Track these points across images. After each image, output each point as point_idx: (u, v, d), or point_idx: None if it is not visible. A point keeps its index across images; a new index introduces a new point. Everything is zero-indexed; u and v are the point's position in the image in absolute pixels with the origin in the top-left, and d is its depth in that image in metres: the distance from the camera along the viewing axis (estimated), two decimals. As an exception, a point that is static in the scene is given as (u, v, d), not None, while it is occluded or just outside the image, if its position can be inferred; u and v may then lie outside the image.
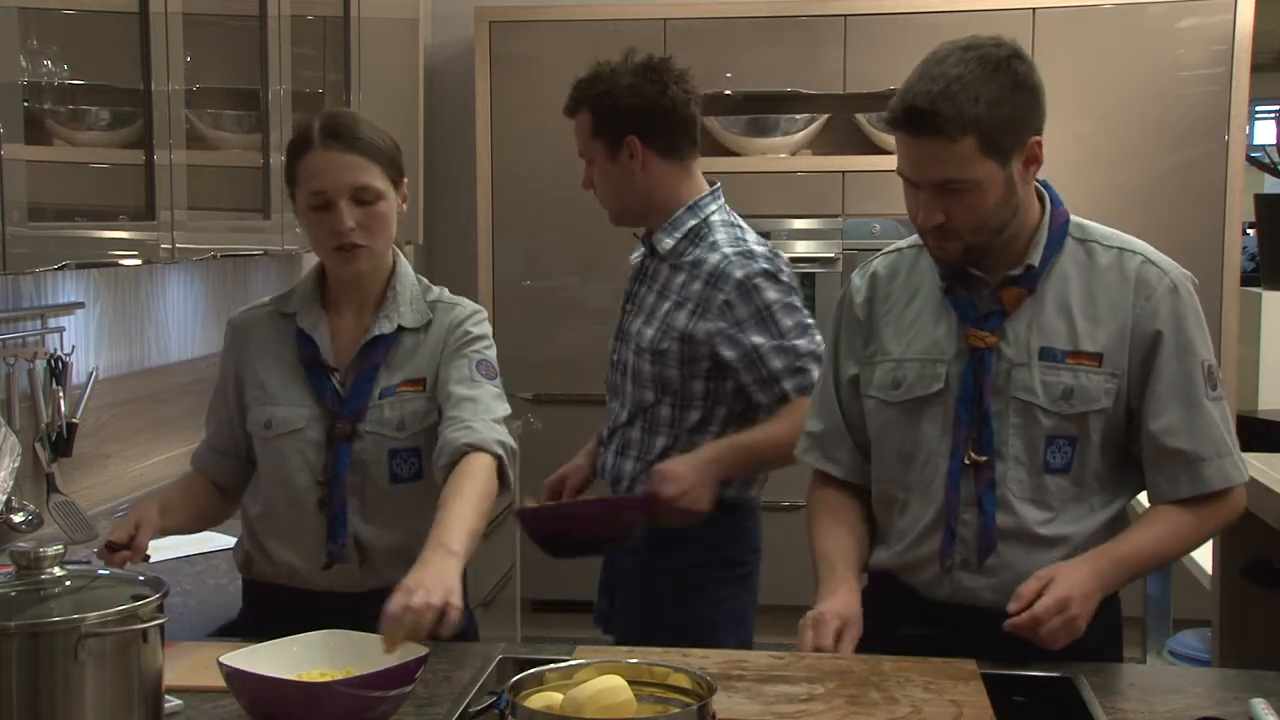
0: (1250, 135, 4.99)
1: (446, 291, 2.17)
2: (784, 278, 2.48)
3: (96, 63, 2.53)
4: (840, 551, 2.04)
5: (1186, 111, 4.55)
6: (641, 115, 2.53)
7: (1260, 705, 1.68)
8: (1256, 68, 4.57)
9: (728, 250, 2.48)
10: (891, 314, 2.04)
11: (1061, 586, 1.81)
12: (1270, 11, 4.64)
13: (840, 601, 1.94)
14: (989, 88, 1.83)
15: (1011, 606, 1.82)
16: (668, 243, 2.55)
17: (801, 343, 2.44)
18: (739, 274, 2.44)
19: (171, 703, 1.68)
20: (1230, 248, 4.55)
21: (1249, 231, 5.56)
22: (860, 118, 4.78)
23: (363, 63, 3.60)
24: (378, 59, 3.76)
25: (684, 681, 1.59)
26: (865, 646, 2.00)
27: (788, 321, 2.44)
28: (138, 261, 2.80)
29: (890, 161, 5.30)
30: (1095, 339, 1.92)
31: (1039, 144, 1.89)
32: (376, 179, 2.01)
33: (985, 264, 1.94)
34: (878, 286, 2.07)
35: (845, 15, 4.68)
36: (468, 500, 1.90)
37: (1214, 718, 1.68)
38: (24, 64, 2.22)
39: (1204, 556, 2.63)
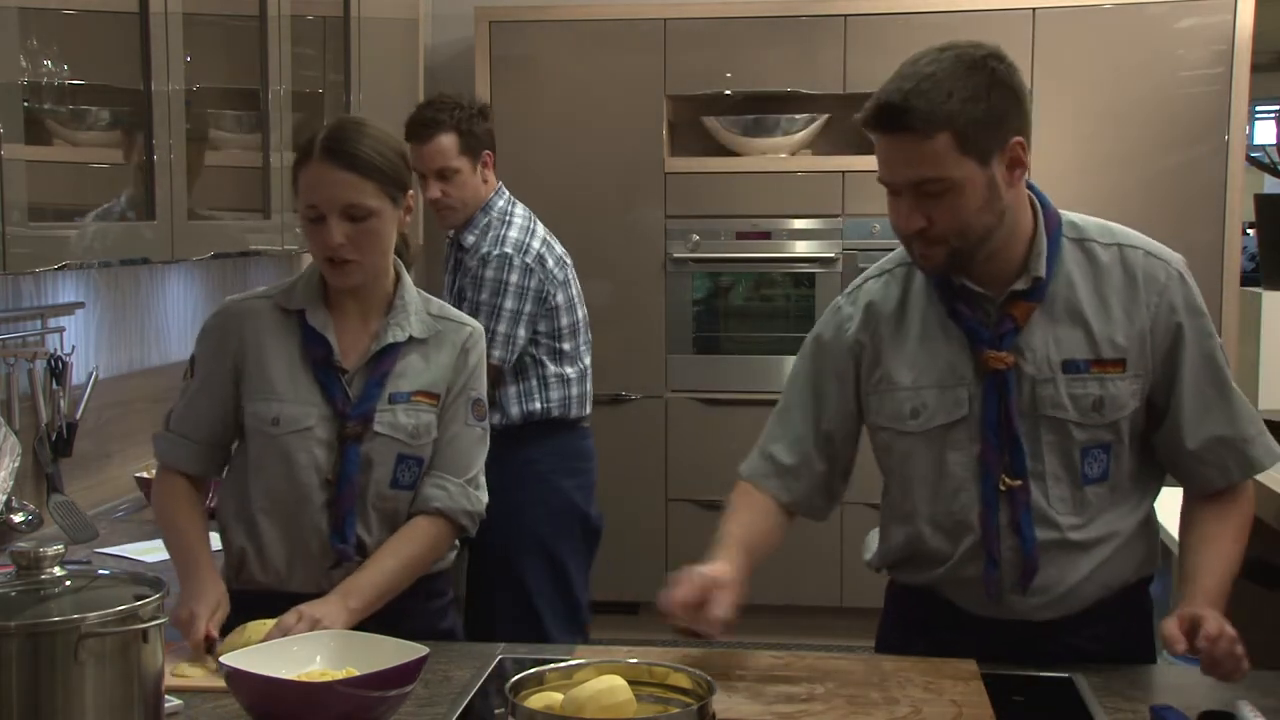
0: (1250, 135, 4.98)
1: (446, 305, 2.19)
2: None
3: (96, 63, 2.53)
4: (735, 534, 1.94)
5: (1186, 111, 4.54)
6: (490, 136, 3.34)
7: (1245, 706, 1.68)
8: (1256, 68, 4.57)
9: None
10: (894, 341, 1.94)
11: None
12: (1270, 11, 4.64)
13: (714, 569, 1.84)
14: (963, 84, 1.76)
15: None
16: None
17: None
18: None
19: (171, 703, 1.68)
20: (1230, 248, 4.54)
21: (1249, 231, 5.56)
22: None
23: (363, 63, 3.60)
24: (378, 59, 3.76)
25: (684, 681, 1.59)
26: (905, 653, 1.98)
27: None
28: (138, 262, 2.80)
29: (890, 162, 5.16)
30: (1115, 344, 1.87)
31: (1022, 145, 1.81)
32: (370, 197, 2.00)
33: (986, 279, 1.88)
34: (874, 313, 1.97)
35: (845, 15, 4.68)
36: (398, 561, 2.05)
37: (1216, 711, 1.69)
38: (24, 64, 2.22)
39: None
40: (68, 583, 1.47)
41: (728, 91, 4.82)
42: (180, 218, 2.62)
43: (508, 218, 3.29)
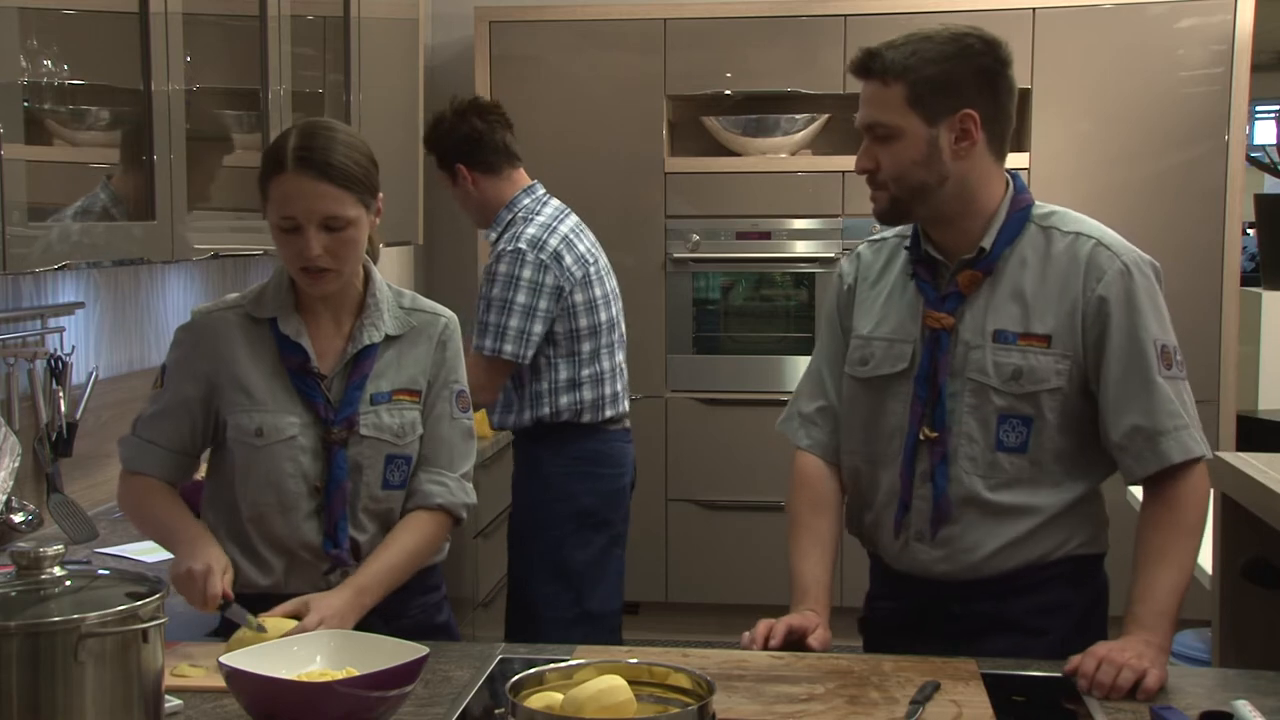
0: (1250, 135, 4.99)
1: (418, 297, 2.18)
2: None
3: (96, 63, 2.53)
4: (811, 575, 2.08)
5: (1186, 111, 4.55)
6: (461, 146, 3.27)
7: (1244, 706, 1.68)
8: (1256, 68, 4.57)
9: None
10: (867, 295, 2.12)
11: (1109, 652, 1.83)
12: (1270, 11, 4.64)
13: (799, 617, 2.00)
14: (933, 49, 1.94)
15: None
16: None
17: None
18: None
19: (171, 703, 1.68)
20: (1230, 248, 4.54)
21: (1249, 231, 5.57)
22: (860, 118, 4.77)
23: (363, 63, 3.60)
24: (378, 59, 3.76)
25: (684, 681, 1.59)
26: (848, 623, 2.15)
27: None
28: (138, 261, 2.80)
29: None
30: (1045, 321, 1.97)
31: (973, 120, 1.93)
32: (348, 207, 1.98)
33: (947, 248, 2.01)
34: (859, 269, 2.15)
35: (845, 15, 4.69)
36: (404, 553, 2.06)
37: (1216, 711, 1.69)
38: (24, 64, 2.22)
39: (1204, 557, 2.62)
40: (68, 583, 1.47)
41: (728, 91, 4.82)
42: (180, 218, 2.62)
43: (532, 215, 3.24)
